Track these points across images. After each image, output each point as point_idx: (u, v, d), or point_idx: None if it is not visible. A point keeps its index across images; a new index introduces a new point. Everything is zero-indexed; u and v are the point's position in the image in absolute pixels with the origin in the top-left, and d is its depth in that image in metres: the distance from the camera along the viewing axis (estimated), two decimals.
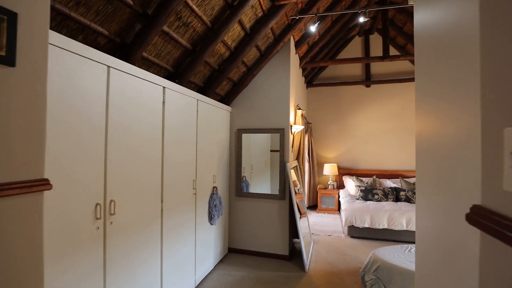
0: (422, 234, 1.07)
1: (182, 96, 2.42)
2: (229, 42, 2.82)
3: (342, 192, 5.51)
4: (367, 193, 4.87)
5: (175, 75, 2.53)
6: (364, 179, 5.50)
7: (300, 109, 4.12)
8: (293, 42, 3.75)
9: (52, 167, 1.25)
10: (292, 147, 3.78)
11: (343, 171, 6.02)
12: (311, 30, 3.42)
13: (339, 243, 4.01)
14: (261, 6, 2.72)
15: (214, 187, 3.09)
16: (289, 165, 3.41)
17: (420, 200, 1.09)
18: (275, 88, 3.55)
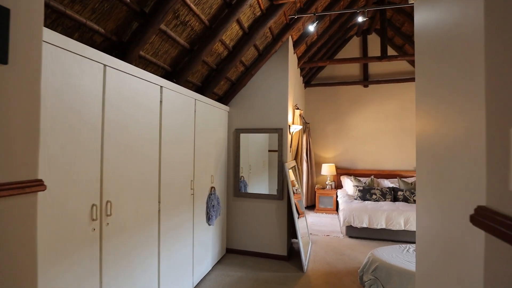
0: (423, 234, 1.06)
1: (179, 96, 2.40)
2: (227, 42, 2.80)
3: (340, 192, 5.51)
4: (365, 193, 4.87)
5: (172, 74, 2.50)
6: (362, 179, 5.50)
7: (298, 109, 4.11)
8: (291, 41, 3.74)
9: (47, 167, 1.22)
10: (291, 147, 3.77)
11: (341, 171, 6.03)
12: (309, 29, 3.42)
13: (337, 243, 4.00)
14: (259, 5, 2.71)
15: (212, 187, 3.07)
16: (287, 165, 3.40)
17: (421, 200, 1.08)
18: (273, 88, 3.54)
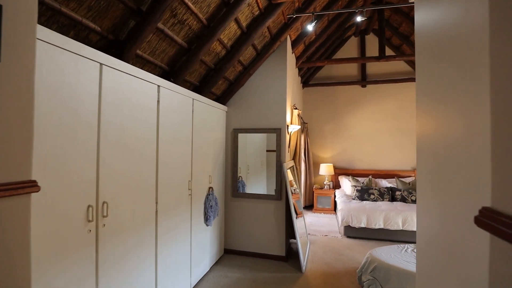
0: (423, 235, 1.05)
1: (177, 95, 2.37)
2: (225, 41, 2.78)
3: (338, 192, 5.51)
4: (363, 193, 4.87)
5: (170, 74, 2.48)
6: (360, 179, 5.51)
7: (296, 108, 4.10)
8: (289, 41, 3.73)
9: (41, 167, 1.20)
10: (289, 147, 3.76)
11: (339, 171, 6.03)
12: (308, 29, 3.41)
13: (335, 243, 4.00)
14: (257, 4, 2.69)
15: (209, 187, 3.05)
16: (285, 165, 3.39)
17: (421, 200, 1.07)
18: (271, 88, 3.52)
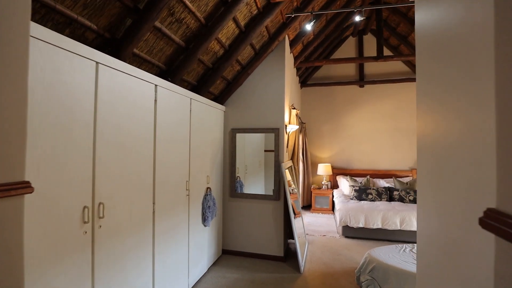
0: (424, 236, 1.04)
1: (174, 95, 2.35)
2: (223, 40, 2.76)
3: (336, 192, 5.51)
4: (361, 193, 4.88)
5: (167, 73, 2.46)
6: (358, 179, 5.51)
7: (294, 108, 4.09)
8: (287, 41, 3.72)
9: (35, 168, 1.17)
10: (287, 147, 3.75)
11: (337, 171, 6.03)
12: (306, 28, 3.40)
13: (333, 243, 3.99)
14: (256, 3, 2.68)
15: (207, 187, 3.03)
16: (284, 165, 3.37)
17: (422, 201, 1.06)
18: (269, 88, 3.51)
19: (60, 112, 1.29)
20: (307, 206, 6.03)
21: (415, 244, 3.02)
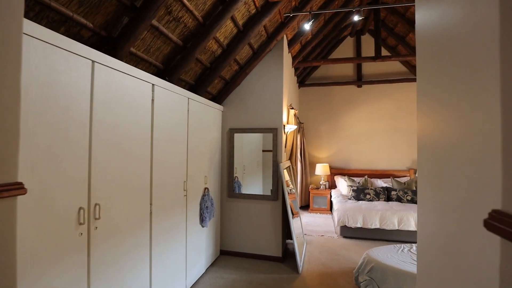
0: (424, 236, 1.03)
1: (172, 94, 2.33)
2: (221, 39, 2.74)
3: (334, 192, 5.51)
4: (359, 193, 4.88)
5: (165, 72, 2.43)
6: (356, 179, 5.52)
7: (293, 108, 4.08)
8: (286, 40, 3.71)
9: (29, 168, 1.15)
10: (285, 147, 3.73)
11: (335, 171, 6.03)
12: (305, 27, 3.39)
13: (331, 244, 3.99)
14: (254, 2, 2.66)
15: (205, 188, 3.01)
16: (282, 165, 3.36)
17: (422, 201, 1.05)
18: (268, 87, 3.50)
19: (55, 111, 1.26)
20: (305, 206, 6.02)
21: (413, 244, 3.02)
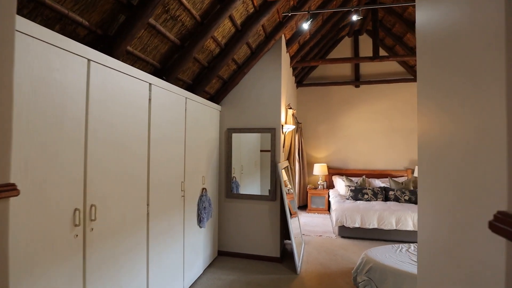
0: (425, 237, 1.02)
1: (169, 94, 2.30)
2: (219, 38, 2.72)
3: (332, 192, 5.51)
4: (357, 193, 4.88)
5: (162, 72, 2.41)
6: (354, 179, 5.52)
7: (291, 108, 4.07)
8: (284, 40, 3.69)
9: (23, 169, 1.12)
10: (283, 147, 3.72)
11: (333, 171, 6.04)
12: (303, 27, 3.38)
13: (330, 244, 3.99)
14: (252, 2, 2.64)
15: (203, 188, 2.99)
16: (280, 165, 3.35)
17: (423, 203, 1.04)
18: (266, 87, 3.48)
19: (50, 110, 1.24)
20: (303, 206, 6.02)
21: (411, 244, 3.03)
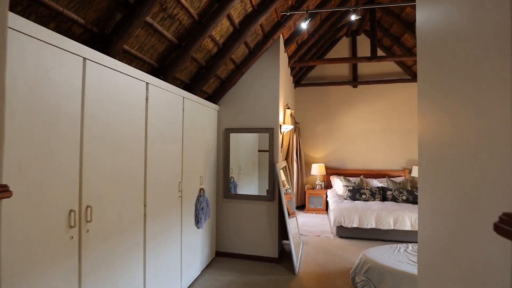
0: (426, 237, 1.01)
1: (167, 93, 2.28)
2: (217, 38, 2.70)
3: (330, 192, 5.51)
4: (355, 193, 4.88)
5: (159, 71, 2.38)
6: (352, 179, 5.53)
7: (289, 108, 4.06)
8: (282, 40, 3.68)
9: (16, 170, 1.09)
10: (282, 147, 3.71)
11: (331, 171, 6.04)
12: (301, 27, 3.37)
13: (328, 244, 3.98)
14: (250, 0, 2.62)
15: (201, 189, 2.96)
16: (278, 165, 3.33)
17: (424, 203, 1.03)
18: (264, 87, 3.47)
19: (45, 110, 1.21)
20: (301, 206, 6.01)
21: (409, 244, 3.03)
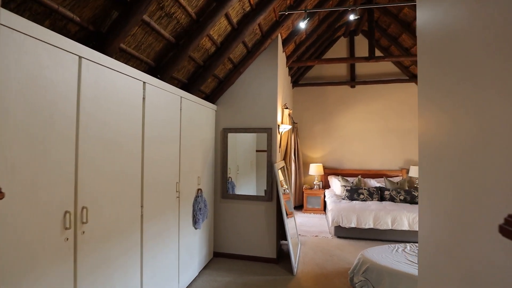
0: (426, 237, 1.01)
1: (164, 93, 2.26)
2: (215, 37, 2.68)
3: (327, 192, 5.51)
4: (353, 193, 4.89)
5: (156, 70, 2.36)
6: (350, 179, 5.53)
7: (287, 108, 4.05)
8: (280, 39, 3.67)
9: (9, 171, 1.07)
10: (280, 147, 3.70)
11: (329, 171, 6.04)
12: (300, 26, 3.36)
13: (326, 244, 3.98)
14: (249, 0, 2.61)
15: (198, 189, 2.94)
16: (276, 165, 3.32)
17: (424, 203, 1.02)
18: (262, 87, 3.45)
19: (39, 109, 1.19)
20: (299, 207, 6.01)
21: (407, 244, 3.03)
